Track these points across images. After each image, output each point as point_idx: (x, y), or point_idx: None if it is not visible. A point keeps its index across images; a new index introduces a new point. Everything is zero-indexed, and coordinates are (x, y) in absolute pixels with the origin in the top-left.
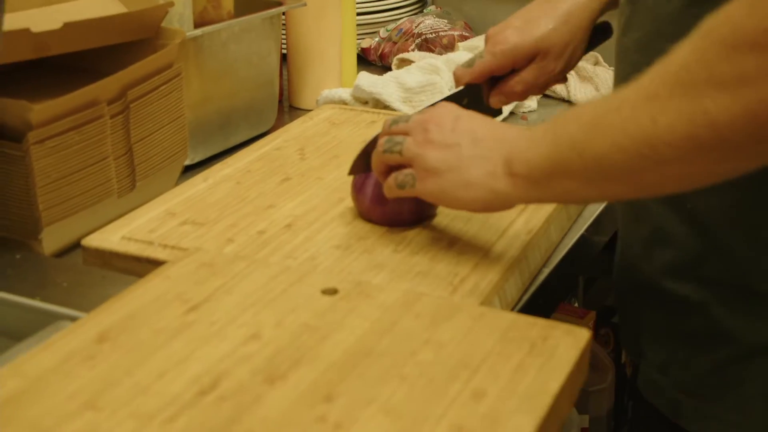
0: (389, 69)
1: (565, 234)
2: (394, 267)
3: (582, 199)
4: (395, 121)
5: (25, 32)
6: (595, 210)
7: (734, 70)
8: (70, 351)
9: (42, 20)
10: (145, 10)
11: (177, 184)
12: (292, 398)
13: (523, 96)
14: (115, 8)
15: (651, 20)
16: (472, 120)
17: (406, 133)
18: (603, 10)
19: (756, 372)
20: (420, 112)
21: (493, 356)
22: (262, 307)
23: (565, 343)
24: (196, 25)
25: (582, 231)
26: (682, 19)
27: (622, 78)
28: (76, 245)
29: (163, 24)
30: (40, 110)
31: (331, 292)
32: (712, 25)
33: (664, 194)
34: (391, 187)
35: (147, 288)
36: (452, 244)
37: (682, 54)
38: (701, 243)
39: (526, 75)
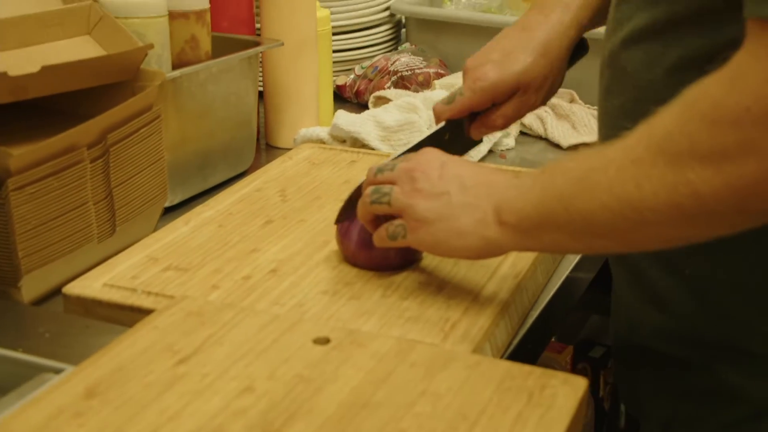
0: (365, 106)
1: (551, 275)
2: (384, 313)
3: (570, 250)
4: (380, 170)
5: (3, 76)
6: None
7: (715, 145)
8: (58, 407)
9: (19, 63)
10: (125, 52)
11: (156, 226)
12: None
13: (503, 128)
14: (93, 50)
15: (632, 86)
16: (458, 166)
17: (392, 182)
18: (579, 35)
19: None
20: (405, 159)
21: (491, 407)
22: (253, 358)
23: (564, 393)
24: (174, 66)
25: (567, 272)
26: (664, 87)
27: (605, 139)
28: (55, 292)
29: (141, 66)
30: (19, 156)
31: (324, 341)
32: (694, 98)
33: (650, 250)
34: (382, 238)
35: (135, 339)
36: (441, 288)
37: (665, 122)
38: (698, 307)
39: (507, 110)
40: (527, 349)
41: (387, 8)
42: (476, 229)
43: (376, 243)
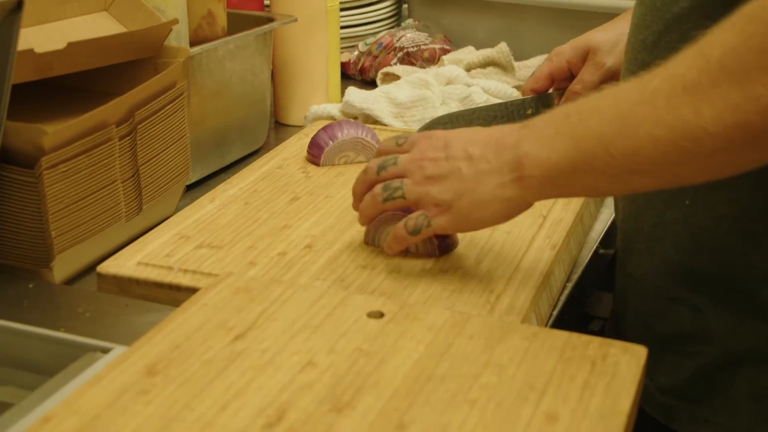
0: (370, 83)
1: (582, 247)
2: (426, 286)
3: (601, 193)
4: (382, 167)
5: (29, 53)
6: (605, 224)
7: None
8: (122, 385)
9: (41, 40)
10: (149, 28)
11: (178, 205)
12: (364, 428)
13: (584, 93)
14: (113, 26)
15: (658, 20)
16: (461, 139)
17: (401, 176)
18: None
19: (743, 376)
20: (406, 144)
21: (557, 377)
22: (310, 333)
23: (626, 361)
24: (192, 43)
25: (596, 244)
26: (688, 20)
27: (627, 75)
28: (85, 272)
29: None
30: (54, 134)
31: (378, 315)
32: (755, 12)
33: (690, 185)
34: (402, 236)
35: (186, 317)
36: (479, 260)
37: (725, 40)
38: (696, 240)
39: (584, 74)
40: (565, 320)
41: None
42: (496, 193)
43: (395, 243)
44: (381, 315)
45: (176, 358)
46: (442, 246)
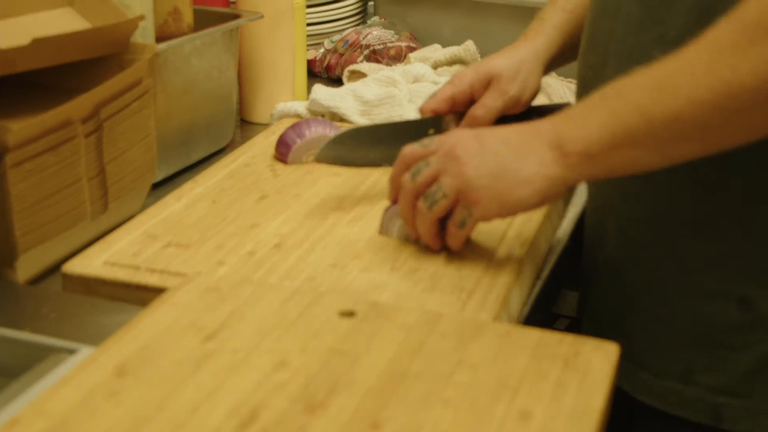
0: (336, 80)
1: (551, 243)
2: (396, 285)
3: (642, 166)
4: (415, 172)
5: None
6: (573, 222)
7: None
8: (91, 387)
9: (5, 35)
10: (116, 24)
11: (144, 203)
12: (338, 427)
13: (487, 121)
14: (77, 22)
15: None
16: (493, 131)
17: (435, 177)
18: (556, 57)
19: None
20: (433, 145)
21: (530, 374)
22: (282, 333)
23: (598, 358)
24: (157, 39)
25: (565, 242)
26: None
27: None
28: (49, 271)
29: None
30: (18, 131)
31: (349, 314)
32: None
33: (727, 149)
34: (454, 232)
35: (156, 317)
36: (450, 258)
37: (761, 3)
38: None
39: (486, 99)
40: (536, 319)
41: None
42: (538, 171)
43: (454, 242)
44: (352, 314)
45: (146, 358)
46: None
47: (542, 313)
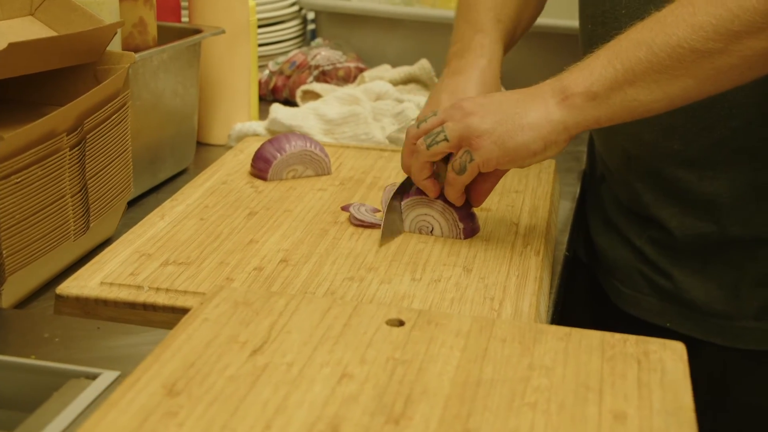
0: (283, 103)
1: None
2: (423, 295)
3: (644, 107)
4: (422, 121)
5: None
6: (566, 226)
7: None
8: (142, 408)
9: None
10: (92, 31)
11: (119, 223)
12: None
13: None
14: (41, 31)
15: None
16: (500, 92)
17: (441, 123)
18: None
19: None
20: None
21: (608, 375)
22: (333, 344)
23: (669, 357)
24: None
25: (563, 251)
26: None
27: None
28: (32, 295)
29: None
30: (7, 140)
31: (397, 323)
32: None
33: (731, 86)
34: (453, 178)
35: (190, 334)
36: (468, 269)
37: None
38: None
39: None
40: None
41: (294, 3)
42: (540, 115)
43: (451, 189)
44: (401, 323)
45: (194, 376)
46: (467, 230)
47: (564, 317)
